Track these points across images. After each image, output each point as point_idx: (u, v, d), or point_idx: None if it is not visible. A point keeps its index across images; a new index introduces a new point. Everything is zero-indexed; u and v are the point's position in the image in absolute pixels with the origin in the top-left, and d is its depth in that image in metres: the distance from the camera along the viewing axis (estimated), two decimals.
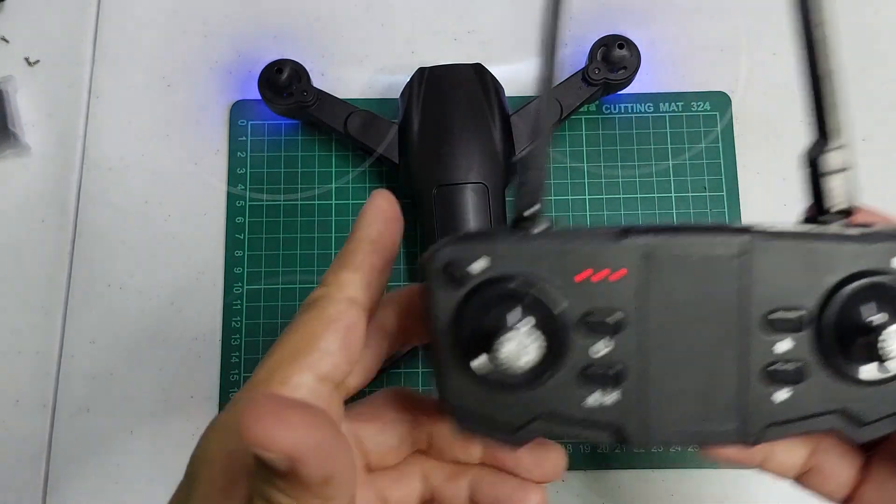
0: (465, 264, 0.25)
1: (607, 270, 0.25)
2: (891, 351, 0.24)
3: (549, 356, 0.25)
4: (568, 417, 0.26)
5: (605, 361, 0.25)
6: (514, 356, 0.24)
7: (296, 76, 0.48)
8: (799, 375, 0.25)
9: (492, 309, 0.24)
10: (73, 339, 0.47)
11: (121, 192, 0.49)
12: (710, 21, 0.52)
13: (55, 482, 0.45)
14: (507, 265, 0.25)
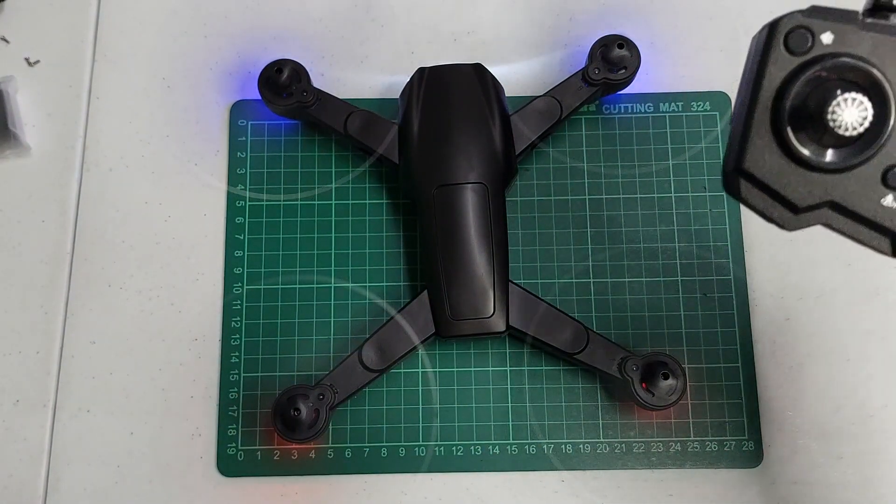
0: (812, 34, 0.24)
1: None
2: None
3: (864, 141, 0.24)
4: (856, 212, 0.25)
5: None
6: (848, 115, 0.23)
7: (296, 76, 0.48)
8: None
9: (825, 83, 0.24)
10: (73, 339, 0.47)
11: (121, 192, 0.49)
12: (710, 21, 0.52)
13: (55, 482, 0.45)
14: (852, 45, 0.24)
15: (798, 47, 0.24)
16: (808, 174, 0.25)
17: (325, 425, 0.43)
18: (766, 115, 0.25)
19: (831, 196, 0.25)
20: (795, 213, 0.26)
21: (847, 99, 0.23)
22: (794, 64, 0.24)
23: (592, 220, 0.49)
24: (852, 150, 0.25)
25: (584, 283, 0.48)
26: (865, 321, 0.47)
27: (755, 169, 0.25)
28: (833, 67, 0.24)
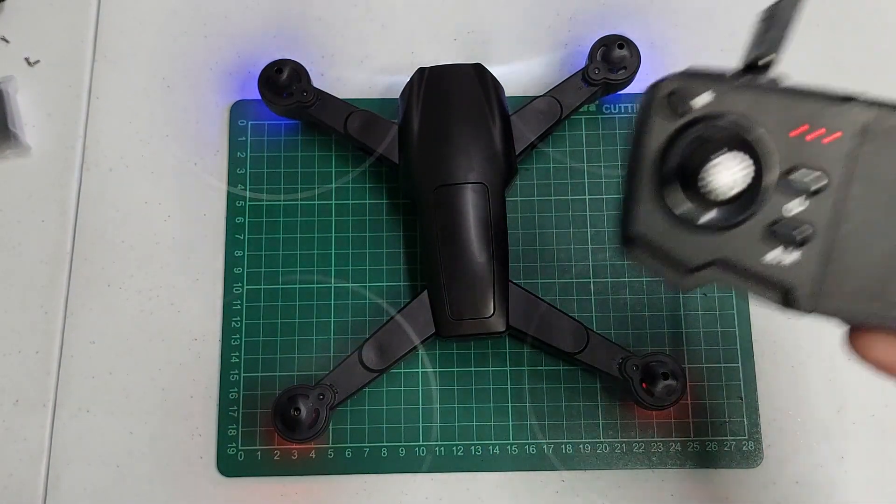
0: (689, 96, 0.25)
1: (823, 130, 0.25)
2: None
3: (744, 200, 0.25)
4: (744, 268, 0.26)
5: (794, 221, 0.25)
6: (720, 180, 0.24)
7: (296, 76, 0.48)
8: None
9: (705, 143, 0.24)
10: (73, 339, 0.47)
11: (121, 192, 0.49)
12: (709, 21, 0.52)
13: (55, 482, 0.45)
14: (726, 105, 0.25)
15: (677, 109, 0.25)
16: (694, 235, 0.26)
17: (325, 425, 0.43)
18: (651, 179, 0.25)
19: (719, 255, 0.26)
20: (687, 273, 0.26)
21: (719, 162, 0.24)
22: (674, 126, 0.25)
23: (592, 220, 0.49)
24: (733, 208, 0.25)
25: (584, 283, 0.48)
26: None
27: (644, 232, 0.26)
28: (711, 128, 0.25)
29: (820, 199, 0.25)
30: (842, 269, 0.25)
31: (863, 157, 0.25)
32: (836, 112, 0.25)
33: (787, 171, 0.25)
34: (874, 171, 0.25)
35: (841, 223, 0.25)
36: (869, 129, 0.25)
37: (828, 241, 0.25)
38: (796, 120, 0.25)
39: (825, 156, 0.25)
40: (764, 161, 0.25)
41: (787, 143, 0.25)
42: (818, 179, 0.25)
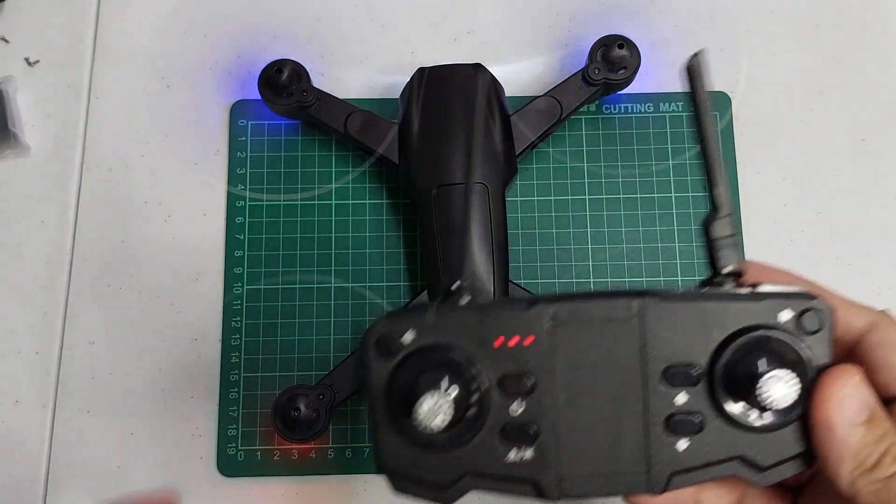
0: (395, 337, 0.27)
1: (518, 337, 0.28)
2: (768, 397, 0.26)
3: (469, 416, 0.27)
4: (492, 474, 0.28)
5: (520, 421, 0.28)
6: (429, 417, 0.26)
7: (296, 76, 0.48)
8: (697, 426, 0.28)
9: (418, 376, 0.27)
10: (73, 339, 0.47)
11: (121, 192, 0.49)
12: (710, 21, 0.52)
13: (55, 482, 0.45)
14: (431, 337, 0.27)
15: (388, 351, 0.27)
16: (438, 455, 0.28)
17: (325, 425, 0.43)
18: (385, 416, 0.28)
19: (467, 467, 0.28)
20: (445, 490, 0.28)
21: (424, 400, 0.26)
22: (389, 367, 0.27)
23: (592, 220, 0.49)
24: (462, 425, 0.27)
25: (584, 283, 0.48)
26: None
27: (394, 465, 0.28)
28: (423, 360, 0.27)
29: (536, 397, 0.28)
30: (575, 453, 0.28)
31: (558, 350, 0.28)
32: (524, 318, 0.28)
33: (500, 379, 0.28)
34: (573, 357, 0.28)
35: (560, 411, 0.28)
36: (557, 324, 0.28)
37: (554, 430, 0.28)
38: (494, 333, 0.27)
39: (528, 357, 0.28)
40: (476, 378, 0.27)
41: (494, 354, 0.28)
42: (527, 381, 0.28)
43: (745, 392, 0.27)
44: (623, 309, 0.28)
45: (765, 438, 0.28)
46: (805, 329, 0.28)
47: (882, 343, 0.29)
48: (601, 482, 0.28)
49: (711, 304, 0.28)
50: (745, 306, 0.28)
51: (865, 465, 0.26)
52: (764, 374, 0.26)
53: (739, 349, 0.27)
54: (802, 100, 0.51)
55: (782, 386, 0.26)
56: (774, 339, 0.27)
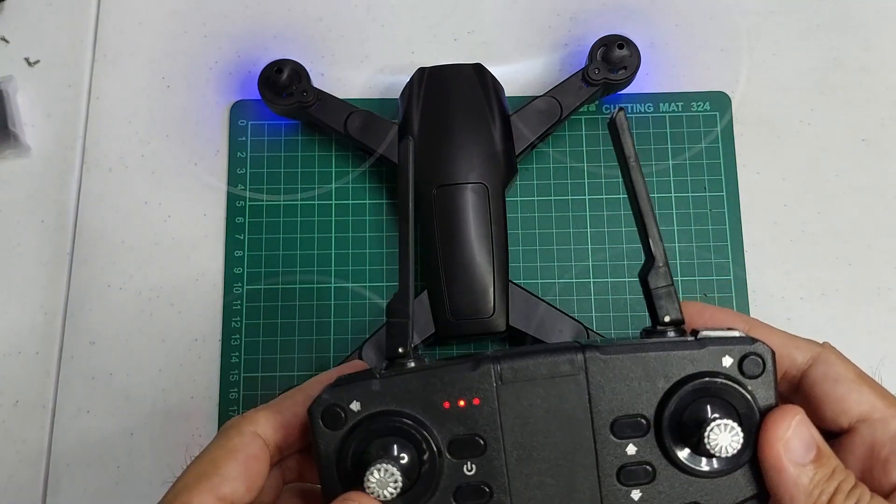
0: (340, 409, 0.28)
1: (465, 399, 0.28)
2: (716, 444, 0.27)
3: (421, 481, 0.28)
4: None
5: (473, 482, 0.28)
6: (380, 486, 0.26)
7: (296, 76, 0.48)
8: (650, 475, 0.28)
9: (367, 444, 0.27)
10: (73, 340, 0.47)
11: (121, 192, 0.49)
12: (710, 21, 0.52)
13: (55, 482, 0.45)
14: (377, 404, 0.28)
15: (336, 424, 0.28)
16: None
17: None
18: (337, 485, 0.28)
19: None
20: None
21: (373, 469, 0.26)
22: (338, 436, 0.28)
23: (592, 220, 0.49)
24: (415, 490, 0.28)
25: (584, 283, 0.48)
26: (867, 321, 0.47)
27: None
28: (367, 431, 0.28)
29: (487, 458, 0.28)
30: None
31: (506, 409, 0.28)
32: (470, 379, 0.28)
33: (450, 442, 0.28)
34: (521, 414, 0.28)
35: (511, 469, 0.28)
36: (502, 383, 0.28)
37: (506, 489, 0.28)
38: (441, 396, 0.28)
39: (476, 419, 0.28)
40: (425, 443, 0.28)
41: (442, 417, 0.28)
42: (477, 442, 0.28)
43: (692, 439, 0.28)
44: (566, 364, 0.28)
45: (716, 483, 0.28)
46: (748, 373, 0.28)
47: (826, 376, 0.30)
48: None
49: (654, 355, 0.28)
50: (688, 354, 0.28)
51: (820, 503, 0.27)
52: (709, 422, 0.27)
53: (684, 398, 0.28)
54: (803, 100, 0.51)
55: (727, 435, 0.27)
56: (718, 386, 0.28)
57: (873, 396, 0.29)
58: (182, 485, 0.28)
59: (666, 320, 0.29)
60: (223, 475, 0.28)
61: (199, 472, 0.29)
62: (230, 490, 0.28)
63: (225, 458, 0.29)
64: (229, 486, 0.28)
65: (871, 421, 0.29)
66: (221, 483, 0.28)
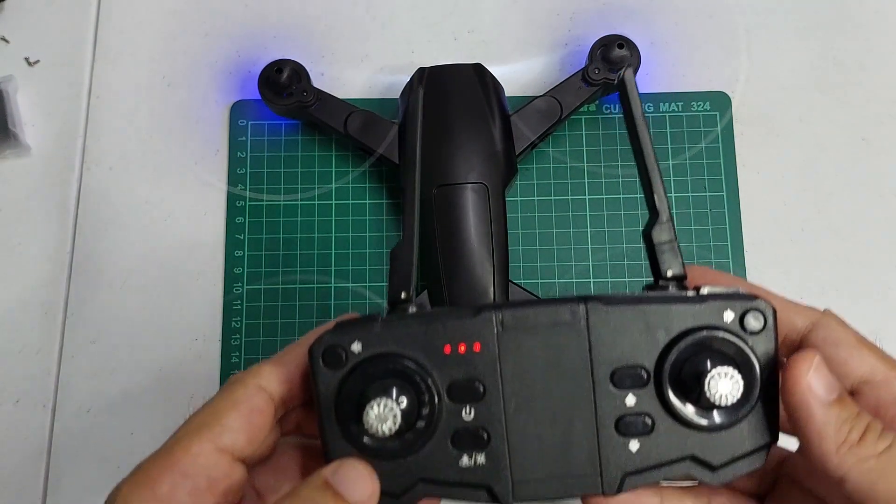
0: (341, 349, 0.28)
1: (465, 344, 0.28)
2: (716, 393, 0.27)
3: (420, 423, 0.28)
4: (445, 480, 0.28)
5: (471, 427, 0.28)
6: (379, 421, 0.26)
7: (296, 76, 0.48)
8: (648, 426, 0.28)
9: (367, 384, 0.27)
10: (73, 339, 0.47)
11: (121, 191, 0.49)
12: (710, 21, 0.52)
13: (55, 482, 0.45)
14: (378, 347, 0.28)
15: (336, 364, 0.28)
16: (389, 464, 0.28)
17: None
18: (335, 425, 0.28)
19: (418, 475, 0.28)
20: (398, 498, 0.28)
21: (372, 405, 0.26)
22: (337, 378, 0.28)
23: (592, 220, 0.49)
24: (415, 432, 0.28)
25: (584, 283, 0.48)
26: (867, 320, 0.47)
27: None
28: (371, 369, 0.28)
29: (486, 403, 0.28)
30: (527, 457, 0.28)
31: (507, 356, 0.28)
32: (470, 325, 0.28)
33: (449, 386, 0.28)
34: (521, 362, 0.28)
35: (509, 416, 0.28)
36: (504, 330, 0.28)
37: (504, 435, 0.28)
38: (442, 340, 0.28)
39: (476, 364, 0.28)
40: (425, 385, 0.28)
41: (443, 361, 0.28)
42: (476, 387, 0.28)
43: (692, 392, 0.28)
44: (568, 314, 0.28)
45: (715, 437, 0.28)
46: (749, 329, 0.28)
47: (826, 340, 0.30)
48: (554, 485, 0.28)
49: (656, 307, 0.28)
50: (689, 308, 0.28)
51: (850, 441, 0.26)
52: (710, 371, 0.27)
53: (685, 350, 0.28)
54: (802, 99, 0.51)
55: (727, 382, 0.27)
56: (719, 339, 0.28)
57: (874, 359, 0.29)
58: (183, 432, 0.29)
59: (669, 275, 0.29)
60: (224, 425, 0.28)
61: (201, 422, 0.29)
62: (230, 441, 0.28)
63: (227, 410, 0.29)
64: (230, 437, 0.28)
65: (874, 383, 0.29)
66: (222, 433, 0.28)
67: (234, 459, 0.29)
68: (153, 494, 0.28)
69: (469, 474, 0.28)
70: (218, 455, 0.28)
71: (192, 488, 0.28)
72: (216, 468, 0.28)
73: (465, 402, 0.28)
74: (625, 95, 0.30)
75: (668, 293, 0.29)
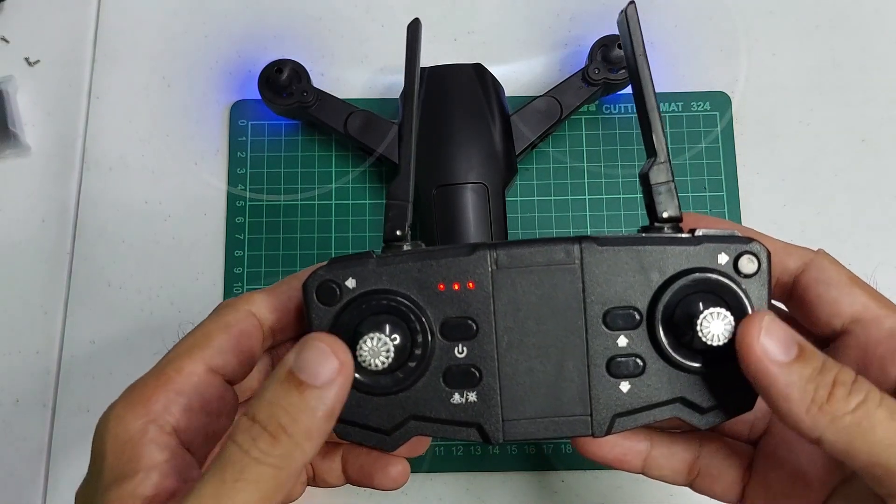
0: (335, 285, 0.28)
1: (459, 282, 0.28)
2: (708, 332, 0.26)
3: (412, 360, 0.28)
4: (436, 417, 0.28)
5: (463, 364, 0.28)
6: (373, 354, 0.26)
7: (296, 76, 0.48)
8: (639, 368, 0.28)
9: (361, 319, 0.27)
10: (73, 339, 0.47)
11: (121, 192, 0.49)
12: (709, 21, 0.52)
13: (55, 482, 0.45)
14: (373, 283, 0.28)
15: (330, 299, 0.28)
16: (380, 399, 0.28)
17: None
18: None
19: (411, 411, 0.28)
20: (389, 434, 0.29)
21: (366, 339, 0.26)
22: (332, 312, 0.28)
23: (592, 220, 0.49)
24: (407, 369, 0.28)
25: None
26: None
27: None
28: (365, 305, 0.28)
29: (478, 341, 0.28)
30: (518, 396, 0.28)
31: (500, 294, 0.28)
32: (465, 263, 0.28)
33: (443, 323, 0.28)
34: (514, 301, 0.28)
35: (501, 355, 0.28)
36: (498, 269, 0.28)
37: (495, 373, 0.28)
38: (435, 279, 0.28)
39: (470, 302, 0.28)
40: (418, 322, 0.28)
41: (436, 298, 0.28)
42: (469, 325, 0.28)
43: (684, 334, 0.27)
44: (562, 253, 0.28)
45: (705, 380, 0.28)
46: (742, 272, 0.28)
47: (819, 279, 0.29)
48: (545, 425, 0.28)
49: (650, 248, 0.28)
50: (684, 250, 0.28)
51: (819, 399, 0.25)
52: (702, 311, 0.27)
53: (678, 291, 0.28)
54: (802, 100, 0.51)
55: (719, 323, 0.27)
56: (712, 282, 0.28)
57: (866, 298, 0.29)
58: (174, 353, 0.29)
59: (664, 216, 0.29)
60: (215, 347, 0.29)
61: (192, 343, 0.29)
62: (222, 362, 0.28)
63: (218, 332, 0.29)
64: (221, 358, 0.28)
65: (865, 321, 0.29)
66: (214, 355, 0.28)
67: (226, 382, 0.29)
68: (147, 412, 0.28)
69: (460, 412, 0.28)
70: (210, 375, 0.28)
71: (186, 406, 0.28)
72: (209, 388, 0.28)
73: (458, 339, 0.28)
74: (626, 32, 0.30)
75: (663, 234, 0.29)
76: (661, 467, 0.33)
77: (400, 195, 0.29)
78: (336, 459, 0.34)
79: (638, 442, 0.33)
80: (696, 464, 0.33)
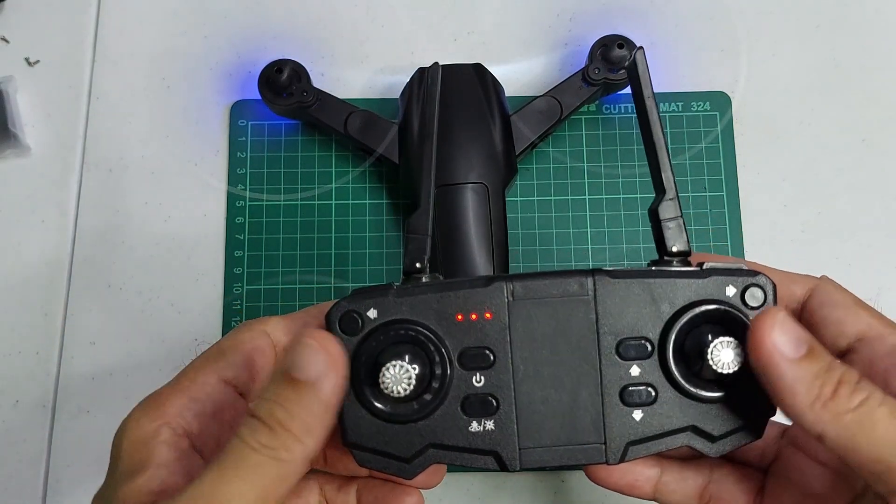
0: (357, 315, 0.29)
1: (476, 313, 0.29)
2: (717, 361, 0.27)
3: (432, 389, 0.28)
4: (454, 445, 0.29)
5: (481, 393, 0.29)
6: (396, 381, 0.27)
7: (296, 76, 0.48)
8: (650, 397, 0.29)
9: (383, 348, 0.28)
10: (73, 340, 0.47)
11: (121, 192, 0.49)
12: (710, 21, 0.52)
13: (55, 483, 0.45)
14: (393, 313, 0.29)
15: (353, 329, 0.29)
16: (400, 427, 0.29)
17: None
18: (350, 389, 0.28)
19: (429, 440, 0.29)
20: (408, 462, 0.29)
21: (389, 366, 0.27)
22: (353, 342, 0.29)
23: (592, 220, 0.49)
24: (424, 398, 0.29)
25: None
26: None
27: (358, 439, 0.29)
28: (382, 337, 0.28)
29: (496, 371, 0.29)
30: (534, 424, 0.29)
31: (516, 325, 0.29)
32: (482, 295, 0.29)
33: (461, 353, 0.29)
34: (530, 332, 0.29)
35: (518, 384, 0.29)
36: (514, 300, 0.29)
37: (512, 403, 0.29)
38: (453, 309, 0.29)
39: (487, 332, 0.29)
40: (437, 352, 0.29)
41: (456, 328, 0.29)
42: (487, 355, 0.29)
43: (694, 363, 0.28)
44: (576, 285, 0.29)
45: (715, 409, 0.29)
46: (749, 304, 0.29)
47: (824, 302, 0.31)
48: (560, 452, 0.29)
49: (660, 281, 0.29)
50: (693, 282, 0.29)
51: (824, 396, 0.26)
52: (712, 341, 0.27)
53: (688, 323, 0.29)
54: (802, 100, 0.51)
55: (729, 351, 0.27)
56: (721, 313, 0.29)
57: (870, 318, 0.30)
58: (189, 366, 0.31)
59: (674, 250, 0.30)
60: (228, 361, 0.30)
61: (206, 357, 0.31)
62: (233, 375, 0.30)
63: (232, 349, 0.30)
64: (233, 371, 0.30)
65: (869, 339, 0.29)
66: (226, 367, 0.30)
67: (238, 394, 0.30)
68: (161, 415, 0.29)
69: (478, 440, 0.29)
70: (222, 385, 0.30)
71: (198, 412, 0.29)
72: (221, 397, 0.29)
73: (476, 368, 0.29)
74: (635, 75, 0.31)
75: (673, 268, 0.30)
76: (672, 492, 0.33)
77: (419, 229, 0.30)
78: (351, 493, 0.34)
79: (648, 468, 0.33)
80: (707, 489, 0.33)
